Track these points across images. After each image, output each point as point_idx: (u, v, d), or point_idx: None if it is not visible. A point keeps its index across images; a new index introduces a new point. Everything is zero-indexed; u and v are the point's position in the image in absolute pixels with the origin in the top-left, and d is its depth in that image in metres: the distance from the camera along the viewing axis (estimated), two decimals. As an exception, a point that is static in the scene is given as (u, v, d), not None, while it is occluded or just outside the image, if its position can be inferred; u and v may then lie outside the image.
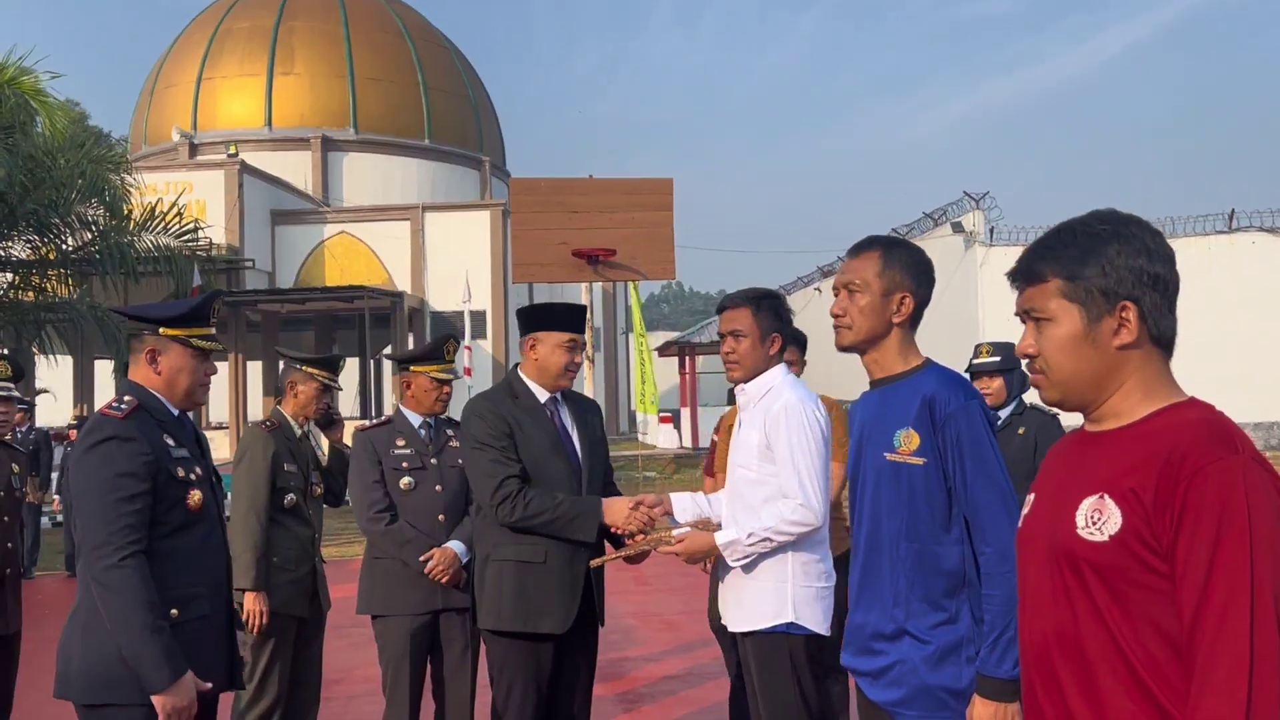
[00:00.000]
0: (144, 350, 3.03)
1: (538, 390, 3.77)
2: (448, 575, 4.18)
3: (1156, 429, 1.63)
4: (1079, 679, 1.63)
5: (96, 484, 2.80)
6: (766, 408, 3.43)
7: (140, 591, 2.75)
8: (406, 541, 4.22)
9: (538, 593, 3.59)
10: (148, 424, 2.93)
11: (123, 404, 2.94)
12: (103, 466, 2.81)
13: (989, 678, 2.45)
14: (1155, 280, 1.67)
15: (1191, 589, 1.51)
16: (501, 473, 3.57)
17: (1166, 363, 1.71)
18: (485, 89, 40.30)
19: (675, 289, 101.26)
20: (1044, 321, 1.72)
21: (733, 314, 3.54)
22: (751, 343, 3.50)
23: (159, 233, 18.19)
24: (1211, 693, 1.47)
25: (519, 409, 3.71)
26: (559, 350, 3.75)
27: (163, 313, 3.06)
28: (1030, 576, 1.75)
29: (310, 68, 34.77)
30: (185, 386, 3.05)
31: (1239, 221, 25.76)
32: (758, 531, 3.30)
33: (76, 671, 2.83)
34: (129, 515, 2.78)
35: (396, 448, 4.37)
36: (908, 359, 2.71)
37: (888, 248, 2.73)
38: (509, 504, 3.55)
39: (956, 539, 2.58)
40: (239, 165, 28.61)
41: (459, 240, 30.00)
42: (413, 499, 4.29)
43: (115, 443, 2.84)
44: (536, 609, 3.59)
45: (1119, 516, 1.58)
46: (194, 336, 3.04)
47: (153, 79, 36.79)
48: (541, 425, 3.71)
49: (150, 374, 3.02)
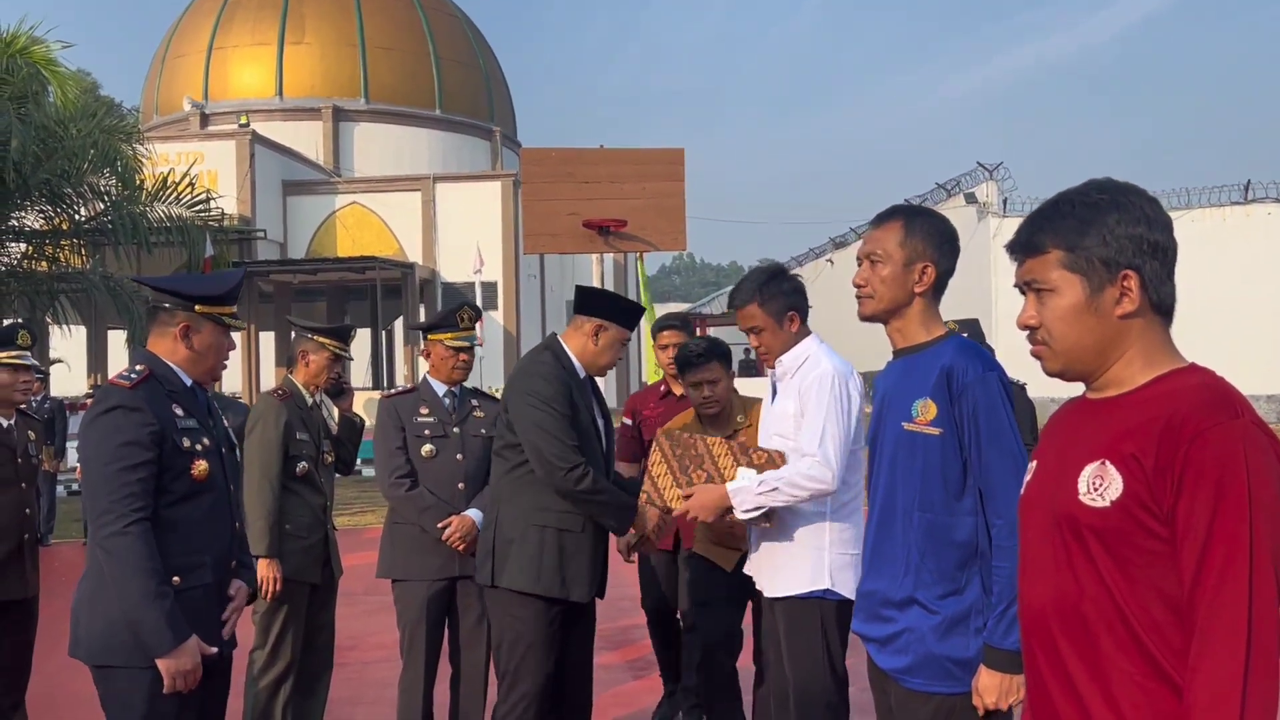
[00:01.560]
0: (175, 325, 3.02)
1: (578, 367, 3.78)
2: (465, 543, 4.22)
3: (1157, 395, 1.64)
4: (1079, 643, 1.65)
5: (102, 452, 2.83)
6: (803, 377, 3.47)
7: (142, 558, 2.78)
8: (426, 508, 4.26)
9: (574, 561, 3.64)
10: (157, 393, 2.93)
11: (133, 373, 2.94)
12: (108, 435, 2.83)
13: (996, 649, 2.47)
14: (1155, 248, 1.67)
15: (1191, 551, 1.52)
16: (570, 438, 3.60)
17: (1167, 330, 1.72)
18: (496, 59, 40.15)
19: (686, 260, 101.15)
20: (1045, 292, 1.73)
21: (744, 313, 3.58)
22: (771, 331, 3.55)
23: (171, 203, 18.22)
24: (1210, 653, 1.49)
25: (571, 379, 3.72)
26: (617, 346, 3.81)
27: (200, 290, 3.06)
28: (1031, 543, 1.77)
29: (321, 37, 34.67)
30: (212, 363, 3.09)
31: (1254, 193, 25.61)
32: (771, 480, 3.32)
33: (85, 633, 2.90)
34: (133, 484, 2.81)
35: (420, 415, 4.40)
36: (930, 329, 2.71)
37: (910, 217, 2.72)
38: (581, 470, 3.57)
39: (970, 510, 2.59)
40: (250, 135, 28.61)
41: (470, 211, 30.00)
42: (434, 466, 4.34)
43: (121, 412, 2.85)
44: (571, 576, 3.65)
45: (1120, 482, 1.59)
46: (226, 315, 3.08)
47: (163, 49, 36.73)
48: (586, 402, 3.75)
49: (179, 348, 3.03)
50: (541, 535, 3.63)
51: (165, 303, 3.05)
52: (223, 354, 3.11)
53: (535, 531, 3.63)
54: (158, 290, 3.10)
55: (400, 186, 30.72)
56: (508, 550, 3.65)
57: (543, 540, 3.62)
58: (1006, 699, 2.48)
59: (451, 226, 29.97)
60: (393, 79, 34.96)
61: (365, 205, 30.52)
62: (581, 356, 3.78)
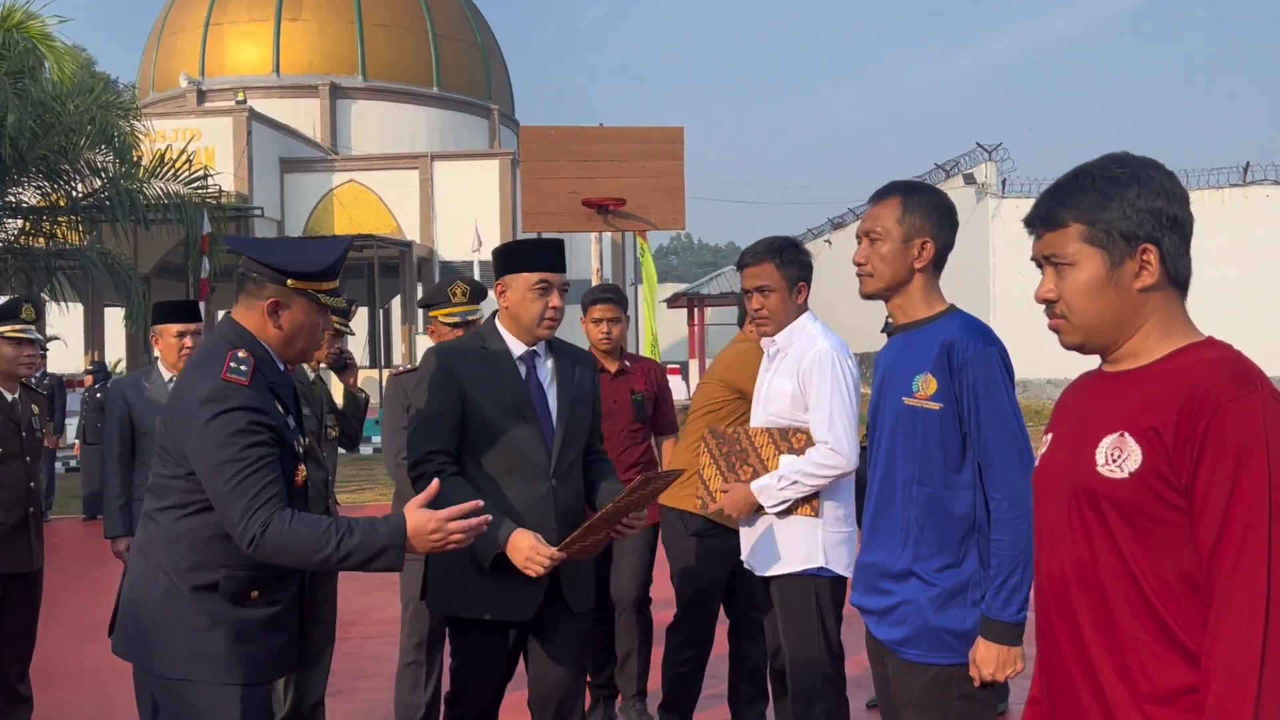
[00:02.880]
0: (265, 300, 2.68)
1: (513, 342, 3.25)
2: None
3: (1176, 368, 1.65)
4: (1095, 613, 1.67)
5: (227, 458, 2.49)
6: (800, 355, 3.48)
7: (297, 527, 2.48)
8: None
9: (497, 573, 3.07)
10: (263, 389, 2.62)
11: (243, 364, 2.58)
12: (233, 439, 2.50)
13: (995, 620, 2.50)
14: (1174, 222, 1.68)
15: (1210, 522, 1.54)
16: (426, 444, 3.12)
17: (1183, 303, 1.73)
18: (494, 36, 39.94)
19: (684, 241, 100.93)
20: (1065, 266, 1.73)
21: (757, 269, 3.57)
22: (780, 296, 3.55)
23: (168, 179, 18.20)
24: (1229, 621, 1.51)
25: (484, 361, 3.21)
26: (530, 295, 3.20)
27: (295, 262, 2.70)
28: (1048, 513, 1.78)
29: (318, 14, 34.45)
30: (304, 344, 2.76)
31: (1253, 175, 25.56)
32: (788, 474, 3.38)
33: (158, 640, 2.58)
34: (266, 485, 2.50)
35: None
36: (931, 305, 2.72)
37: (908, 193, 2.73)
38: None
39: (968, 484, 2.61)
40: (247, 112, 28.47)
41: (468, 189, 29.90)
42: None
43: (242, 413, 2.53)
44: (496, 591, 3.10)
45: (1139, 454, 1.61)
46: (323, 291, 2.72)
47: (160, 25, 36.51)
48: (504, 380, 3.19)
49: (268, 326, 2.69)
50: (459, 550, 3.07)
51: (254, 272, 2.70)
52: (315, 336, 2.77)
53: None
54: (250, 259, 2.74)
55: (398, 164, 30.60)
56: (435, 569, 3.24)
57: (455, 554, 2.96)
58: (1003, 670, 2.50)
59: (449, 205, 29.89)
60: (390, 56, 34.77)
61: (362, 183, 30.41)
62: (511, 327, 3.26)
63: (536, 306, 3.20)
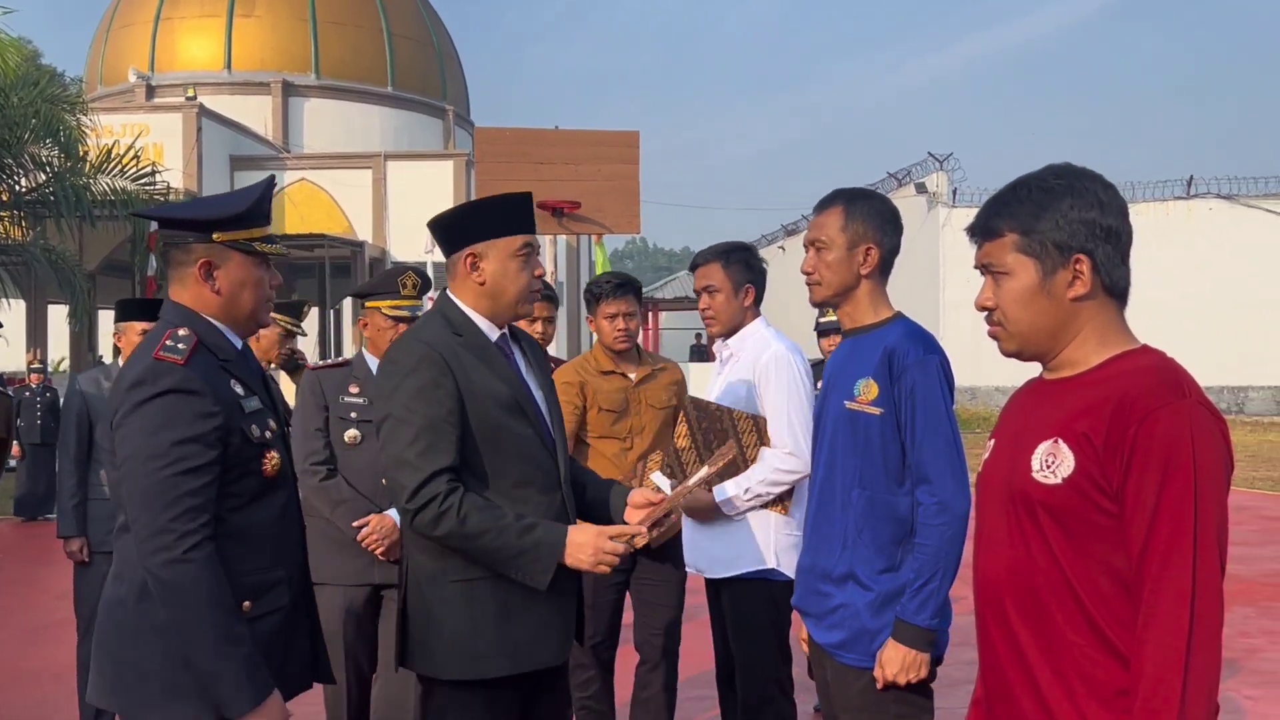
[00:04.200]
0: (194, 263, 2.36)
1: (484, 325, 2.67)
2: (384, 547, 3.65)
3: (1109, 375, 1.69)
4: (1030, 615, 1.70)
5: (152, 451, 2.17)
6: (754, 359, 3.51)
7: (212, 590, 2.16)
8: (340, 502, 3.70)
9: (527, 616, 2.54)
10: (211, 368, 2.30)
11: (180, 341, 2.27)
12: (160, 430, 2.18)
13: (907, 623, 2.53)
14: (1108, 233, 1.72)
15: (1139, 527, 1.58)
16: (429, 462, 2.47)
17: (1120, 312, 1.76)
18: (450, 36, 39.74)
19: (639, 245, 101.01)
20: (1001, 275, 1.77)
21: (704, 270, 3.63)
22: (725, 296, 3.58)
23: (115, 175, 17.87)
24: (1156, 625, 1.55)
25: (464, 350, 2.60)
26: (514, 263, 2.65)
27: (214, 212, 2.39)
28: (987, 517, 1.82)
29: (272, 9, 34.08)
30: (251, 305, 2.42)
31: (1197, 188, 26.08)
32: (753, 486, 3.40)
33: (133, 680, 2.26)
34: (195, 491, 2.18)
35: (348, 394, 3.80)
36: (878, 310, 2.76)
37: (850, 200, 2.77)
38: (433, 509, 2.44)
39: (908, 490, 2.63)
40: (197, 109, 28.11)
41: (422, 190, 29.70)
42: (356, 455, 3.75)
43: (175, 397, 2.20)
44: (529, 638, 2.55)
45: (1072, 459, 1.65)
46: (255, 239, 2.41)
47: (109, 18, 35.91)
48: (499, 373, 2.62)
49: (206, 293, 2.37)
50: (469, 592, 2.52)
51: (175, 237, 2.39)
52: (262, 292, 2.44)
53: (458, 589, 2.53)
54: (165, 223, 2.44)
55: (351, 164, 30.35)
56: (428, 622, 2.55)
57: (471, 599, 2.52)
58: (907, 674, 2.52)
59: (403, 205, 29.69)
60: (344, 54, 34.48)
61: (314, 182, 30.12)
62: (480, 305, 2.67)
63: (524, 277, 2.66)
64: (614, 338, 4.06)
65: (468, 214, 2.71)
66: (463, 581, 2.52)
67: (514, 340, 2.78)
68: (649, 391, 4.09)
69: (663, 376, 4.14)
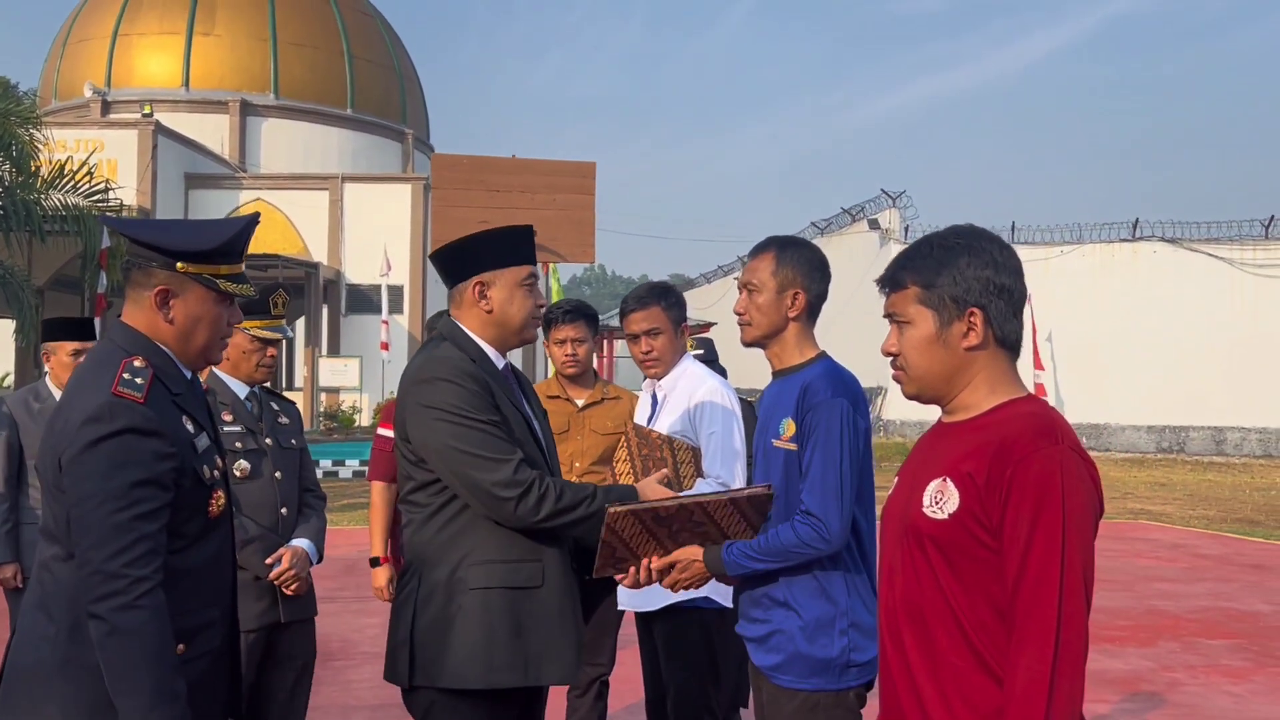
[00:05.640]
0: (151, 289, 2.30)
1: (491, 352, 2.81)
2: (300, 582, 3.51)
3: (994, 421, 1.84)
4: (920, 640, 1.85)
5: (109, 493, 2.11)
6: (689, 394, 3.65)
7: (158, 641, 2.11)
8: (249, 541, 3.43)
9: (540, 630, 2.65)
10: (165, 404, 2.24)
11: (138, 375, 2.20)
12: (116, 470, 2.12)
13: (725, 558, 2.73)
14: (1001, 290, 1.87)
15: (1014, 560, 1.73)
16: (510, 454, 2.62)
17: (1012, 362, 1.93)
18: (411, 60, 39.85)
19: (597, 272, 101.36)
20: (904, 324, 1.93)
21: (645, 314, 3.72)
22: (668, 337, 3.70)
23: (68, 191, 17.75)
24: (1025, 649, 1.70)
25: (489, 377, 2.73)
26: (520, 292, 2.79)
27: (184, 241, 2.32)
28: (886, 549, 1.97)
29: (231, 29, 34.01)
30: (203, 341, 2.36)
31: (1142, 231, 26.72)
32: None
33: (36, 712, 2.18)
34: (149, 538, 2.13)
35: (224, 423, 3.48)
36: (804, 351, 2.90)
37: (781, 248, 2.92)
38: (538, 490, 2.59)
39: None
40: (153, 126, 27.93)
41: (378, 212, 29.70)
42: (250, 488, 3.51)
43: (133, 437, 2.14)
44: (538, 654, 2.65)
45: (957, 497, 1.79)
46: (221, 275, 2.35)
47: (65, 31, 35.63)
48: (510, 397, 2.78)
49: (158, 321, 2.31)
50: (485, 601, 2.62)
51: (139, 257, 2.32)
52: (218, 330, 2.37)
53: (476, 597, 2.62)
54: (133, 241, 2.33)
55: (307, 184, 30.27)
56: (442, 632, 2.62)
57: (487, 608, 2.61)
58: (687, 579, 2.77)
59: (359, 227, 29.65)
60: (304, 75, 34.46)
61: (270, 202, 29.99)
62: (487, 334, 2.80)
63: (528, 305, 2.81)
64: (562, 362, 4.17)
65: (477, 244, 2.82)
66: (480, 590, 2.62)
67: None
68: (593, 417, 4.17)
69: (613, 405, 4.22)
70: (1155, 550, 11.54)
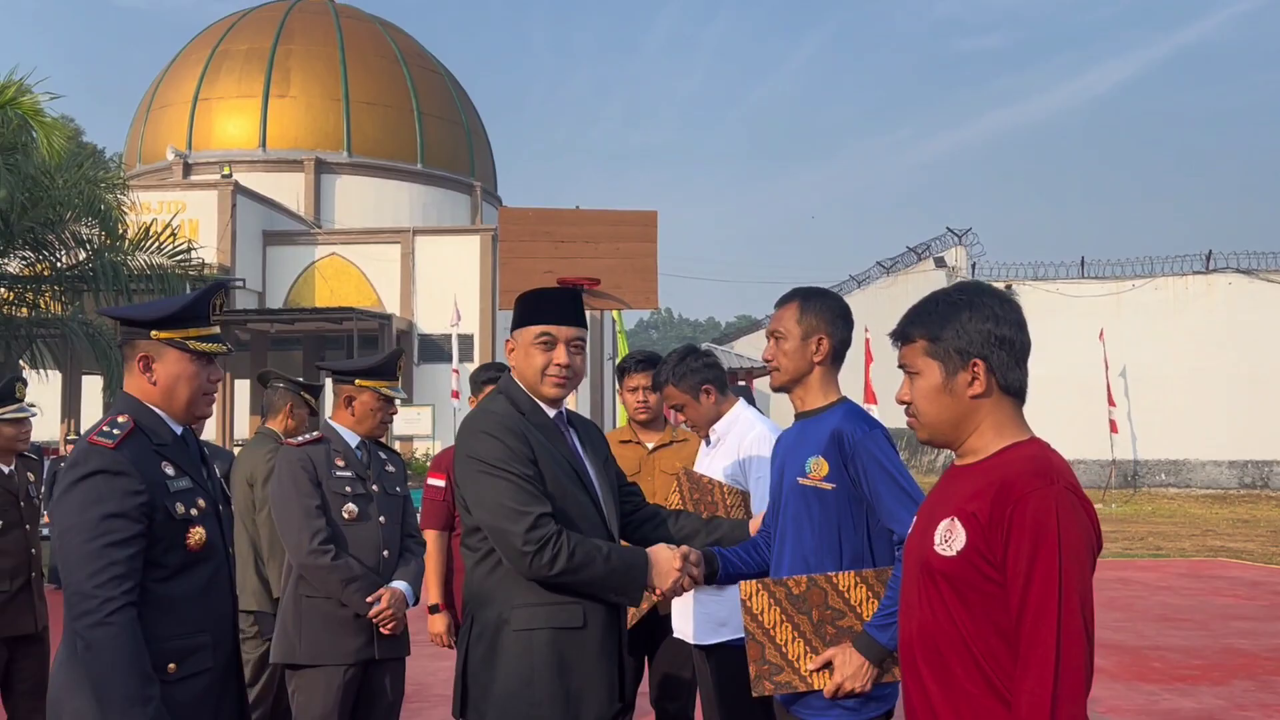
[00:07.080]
0: (136, 358, 2.66)
1: (543, 404, 2.98)
2: (396, 621, 3.77)
3: (998, 464, 1.99)
4: (935, 668, 1.99)
5: (82, 524, 2.44)
6: (740, 439, 3.87)
7: (129, 654, 2.39)
8: (353, 579, 3.72)
9: (580, 669, 2.79)
10: (143, 451, 2.57)
11: (116, 428, 2.56)
12: (89, 506, 2.45)
13: (870, 636, 2.78)
14: (1002, 341, 2.03)
15: (1016, 593, 1.87)
16: (534, 507, 2.74)
17: (1018, 407, 2.07)
18: (478, 114, 40.80)
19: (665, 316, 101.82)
20: (914, 375, 2.10)
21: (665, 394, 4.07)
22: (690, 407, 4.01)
23: (153, 252, 18.43)
24: (1030, 675, 1.84)
25: (530, 425, 2.90)
26: (532, 349, 2.95)
27: (153, 313, 2.67)
28: (906, 584, 2.12)
29: (306, 90, 35.19)
30: (185, 397, 2.68)
31: (1216, 263, 26.29)
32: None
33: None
34: (120, 562, 2.43)
35: (337, 469, 3.84)
36: (827, 395, 3.06)
37: (805, 298, 3.10)
38: (548, 551, 2.70)
39: (851, 558, 2.91)
40: (232, 186, 28.94)
41: (449, 264, 30.35)
42: (356, 530, 3.82)
43: (103, 478, 2.48)
44: (578, 691, 2.78)
45: (964, 535, 1.95)
46: (191, 338, 2.67)
47: (149, 98, 37.16)
48: (559, 446, 2.93)
49: (145, 384, 2.66)
50: (529, 642, 2.76)
51: (122, 333, 2.69)
52: (195, 386, 2.68)
53: (519, 638, 2.76)
54: (114, 319, 2.71)
55: (380, 239, 31.10)
56: (489, 671, 2.79)
57: (530, 648, 2.75)
58: (854, 681, 2.76)
59: (429, 279, 30.33)
60: (375, 132, 35.50)
61: (345, 256, 30.85)
62: (524, 385, 2.97)
63: (538, 360, 2.94)
64: (635, 408, 4.47)
65: (516, 304, 3.05)
66: (524, 631, 2.77)
67: (569, 423, 3.07)
68: (662, 458, 4.43)
69: (681, 447, 4.48)
70: (1234, 588, 11.34)
